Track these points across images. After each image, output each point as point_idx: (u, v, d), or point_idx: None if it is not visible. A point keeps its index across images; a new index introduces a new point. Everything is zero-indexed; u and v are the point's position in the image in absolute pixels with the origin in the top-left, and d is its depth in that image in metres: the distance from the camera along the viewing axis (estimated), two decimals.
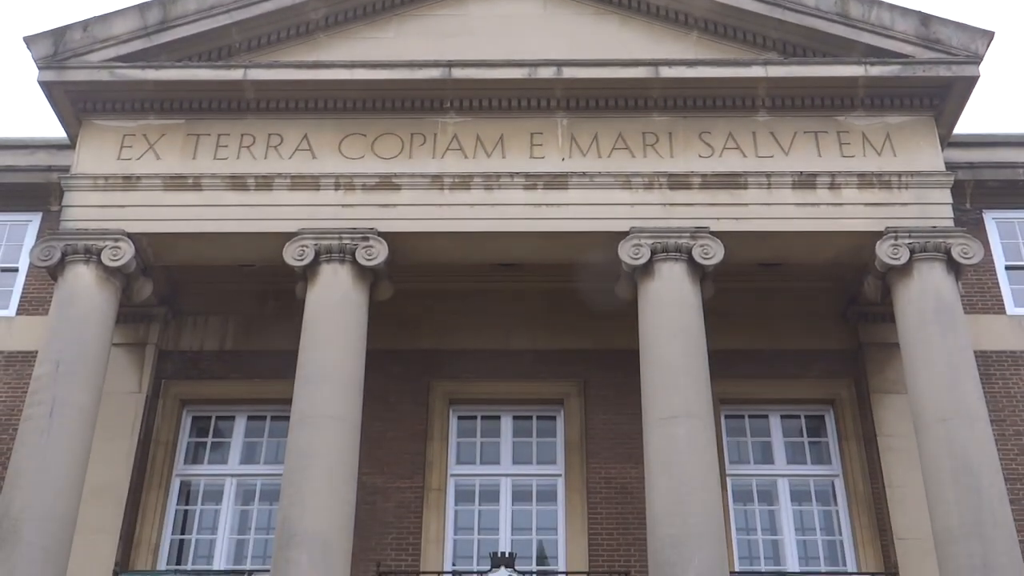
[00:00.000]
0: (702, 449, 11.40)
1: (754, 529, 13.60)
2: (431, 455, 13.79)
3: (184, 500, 13.90)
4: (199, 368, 14.46)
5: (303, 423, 11.69)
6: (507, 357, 14.33)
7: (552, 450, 14.07)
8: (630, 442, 13.58)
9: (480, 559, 13.26)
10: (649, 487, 11.39)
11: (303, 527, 11.09)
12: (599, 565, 13.02)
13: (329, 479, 11.34)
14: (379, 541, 13.23)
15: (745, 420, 14.26)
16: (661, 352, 11.95)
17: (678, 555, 10.78)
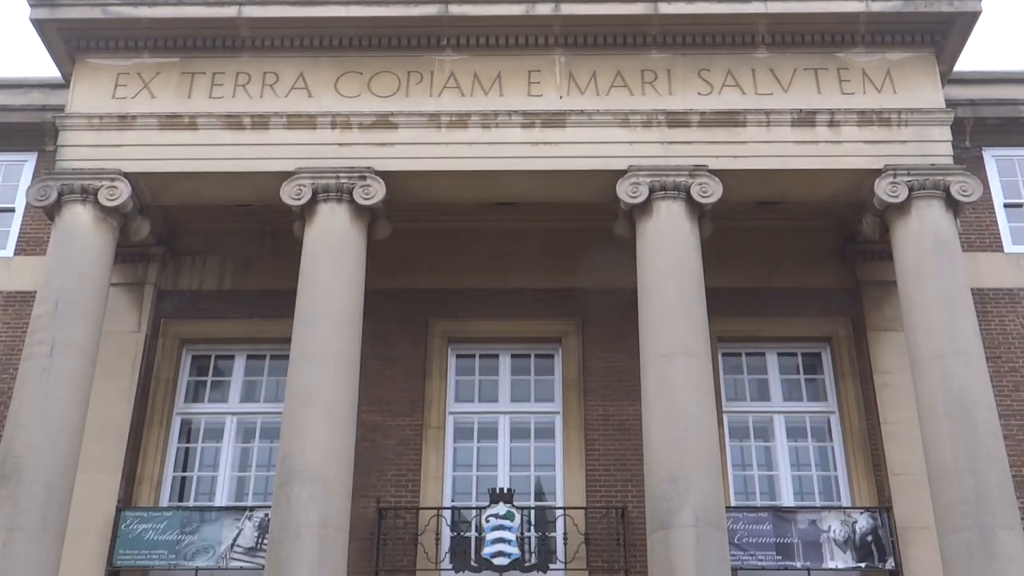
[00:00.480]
0: (699, 386, 11.47)
1: (750, 465, 13.74)
2: (430, 393, 13.89)
3: (185, 438, 14.03)
4: (198, 307, 14.49)
5: (302, 361, 11.75)
6: (505, 296, 14.36)
7: (550, 388, 14.17)
8: (628, 380, 13.68)
9: (479, 495, 13.44)
10: (646, 424, 11.48)
11: (303, 464, 11.19)
12: (596, 501, 13.18)
13: (329, 416, 11.42)
14: (379, 477, 13.37)
15: (742, 358, 14.35)
16: (659, 290, 11.97)
17: (675, 490, 10.90)
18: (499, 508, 12.82)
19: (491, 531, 12.68)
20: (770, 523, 12.87)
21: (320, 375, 11.61)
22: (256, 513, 12.95)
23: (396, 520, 13.07)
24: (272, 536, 10.96)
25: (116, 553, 12.79)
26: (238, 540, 12.83)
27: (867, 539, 12.81)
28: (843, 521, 12.89)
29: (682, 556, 10.51)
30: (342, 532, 11.09)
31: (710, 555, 10.55)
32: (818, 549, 12.76)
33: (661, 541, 10.76)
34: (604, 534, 12.97)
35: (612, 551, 12.88)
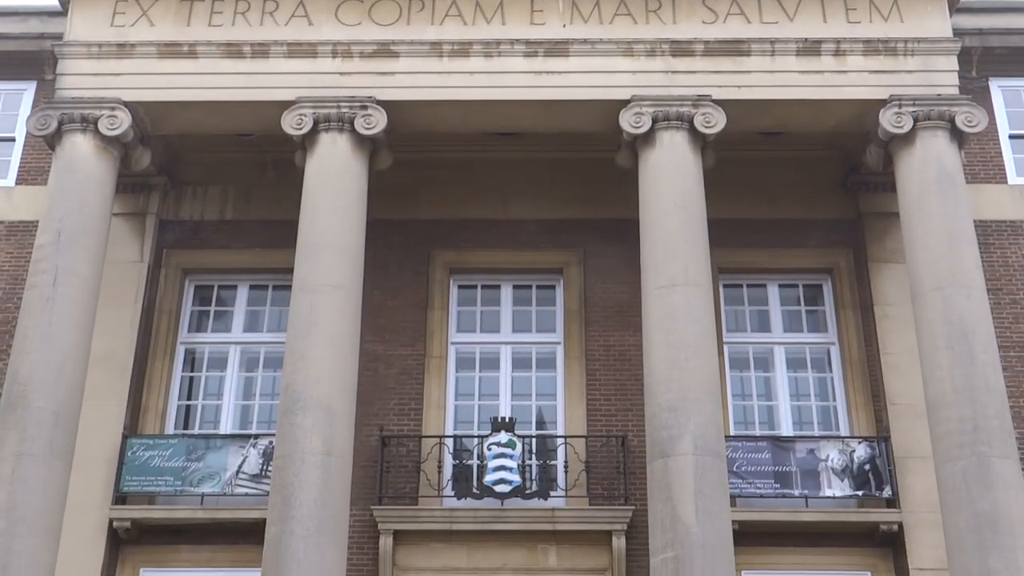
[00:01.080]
0: (700, 317, 11.51)
1: (750, 395, 13.84)
2: (432, 323, 13.96)
3: (189, 367, 14.12)
4: (200, 237, 14.51)
5: (305, 291, 11.78)
6: (507, 227, 14.37)
7: (551, 318, 14.24)
8: (629, 310, 13.75)
9: (481, 424, 13.56)
10: (647, 354, 11.54)
11: (307, 392, 11.28)
12: (597, 429, 13.31)
13: (331, 346, 11.49)
14: (382, 406, 13.50)
15: (743, 289, 14.38)
16: (661, 221, 11.96)
17: (675, 419, 10.99)
18: (501, 436, 12.96)
19: (493, 459, 12.83)
20: (769, 452, 13.00)
21: (322, 305, 11.65)
22: (260, 441, 13.09)
23: (399, 448, 13.21)
24: (276, 463, 11.09)
25: (123, 479, 12.95)
26: (243, 467, 12.98)
27: (864, 468, 12.96)
28: (841, 450, 13.02)
29: (681, 483, 10.64)
30: (346, 459, 11.21)
31: (709, 483, 10.67)
32: (816, 477, 12.91)
33: (661, 469, 10.87)
34: (604, 462, 13.12)
35: (612, 479, 13.03)
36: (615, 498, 12.93)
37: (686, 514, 10.50)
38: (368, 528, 12.85)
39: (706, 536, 10.40)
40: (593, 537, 12.71)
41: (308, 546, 10.53)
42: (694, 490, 10.58)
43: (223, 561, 12.80)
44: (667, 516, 10.59)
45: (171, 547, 12.93)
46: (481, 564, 12.70)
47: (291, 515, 10.69)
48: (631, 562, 12.62)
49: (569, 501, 12.97)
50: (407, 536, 12.75)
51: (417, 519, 12.79)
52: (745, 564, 12.41)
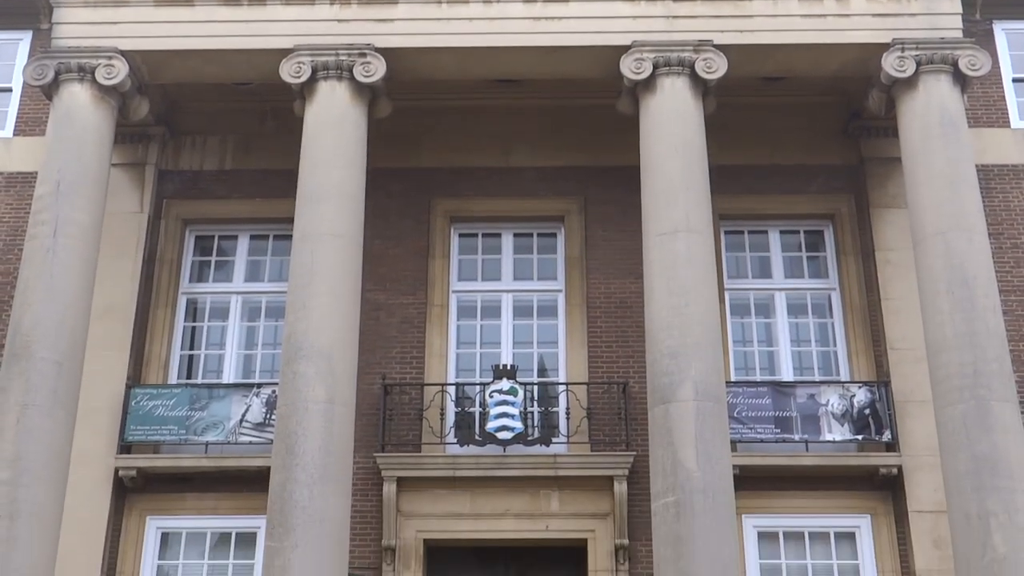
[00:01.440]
0: (701, 263, 11.51)
1: (750, 341, 13.88)
2: (433, 272, 13.96)
3: (191, 317, 14.15)
4: (199, 188, 14.47)
5: (306, 241, 11.77)
6: (508, 175, 14.32)
7: (553, 266, 14.23)
8: (630, 258, 13.74)
9: (483, 372, 13.61)
10: (648, 300, 11.56)
11: (309, 341, 11.32)
12: (598, 376, 13.36)
13: (333, 295, 11.51)
14: (384, 355, 13.55)
15: (744, 235, 14.36)
16: (662, 167, 11.92)
17: (676, 366, 11.03)
18: (503, 384, 13.02)
19: (495, 406, 12.91)
20: (769, 397, 13.07)
21: (324, 254, 11.65)
22: (263, 390, 13.16)
23: (401, 396, 13.28)
24: (280, 412, 11.16)
25: (128, 429, 13.03)
26: (246, 416, 13.07)
27: (864, 412, 13.03)
28: (841, 395, 13.08)
29: (682, 429, 10.70)
30: (348, 407, 11.28)
31: (710, 428, 10.74)
32: (816, 422, 12.98)
33: (662, 415, 10.93)
34: (606, 409, 13.19)
35: (613, 425, 13.11)
36: (616, 444, 13.01)
37: (687, 459, 10.57)
38: (372, 475, 12.95)
39: (707, 480, 10.47)
40: (595, 482, 12.81)
41: (312, 493, 10.63)
42: (695, 435, 10.64)
43: (228, 508, 12.92)
44: (668, 461, 10.67)
45: (177, 495, 13.04)
46: (484, 510, 12.81)
47: (295, 463, 10.77)
48: (632, 507, 12.73)
49: (571, 447, 13.05)
50: (410, 483, 12.85)
51: (420, 466, 12.88)
52: (745, 508, 12.52)
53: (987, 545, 10.30)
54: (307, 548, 10.38)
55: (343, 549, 10.70)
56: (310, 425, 10.94)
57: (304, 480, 10.68)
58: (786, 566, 12.78)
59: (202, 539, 13.00)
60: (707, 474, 10.51)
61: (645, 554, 12.48)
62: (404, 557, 12.70)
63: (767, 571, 12.75)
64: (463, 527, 12.81)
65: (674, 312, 11.24)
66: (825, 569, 12.78)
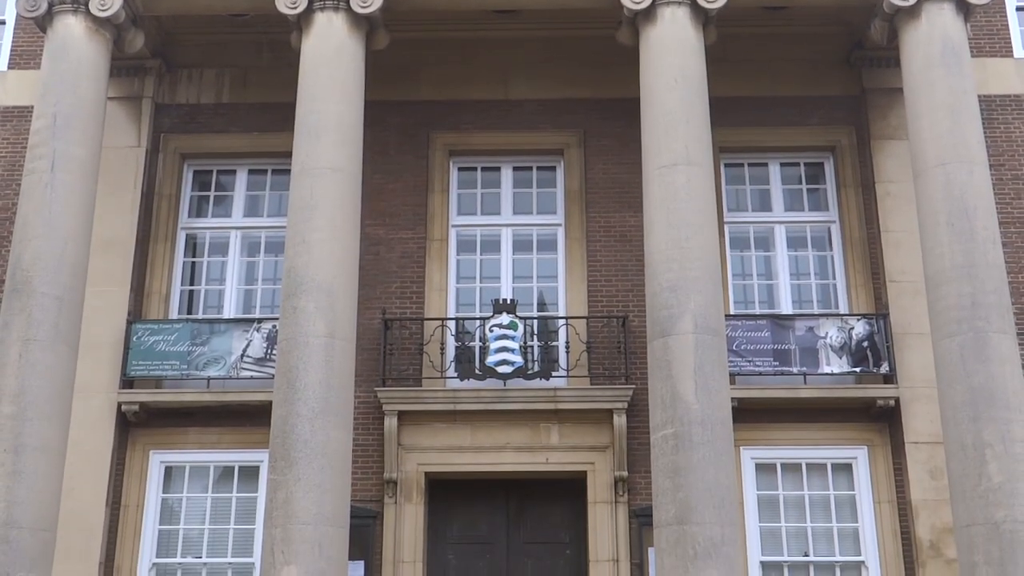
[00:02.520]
0: (701, 196, 11.46)
1: (750, 274, 13.90)
2: (432, 206, 13.95)
3: (191, 252, 14.16)
4: (197, 121, 14.38)
5: (304, 175, 11.72)
6: (507, 108, 14.24)
7: (552, 200, 14.22)
8: (630, 191, 13.74)
9: (483, 306, 13.68)
10: (648, 234, 11.53)
11: (309, 276, 11.31)
12: (598, 310, 13.42)
13: (332, 229, 11.47)
14: (384, 289, 13.58)
15: (744, 168, 14.32)
16: (662, 99, 11.82)
17: (675, 299, 11.05)
18: (502, 318, 13.06)
19: (495, 340, 12.97)
20: (768, 330, 13.12)
21: (323, 189, 11.59)
22: (264, 325, 13.21)
23: (402, 331, 13.34)
24: (281, 347, 11.18)
25: (129, 364, 13.11)
26: (247, 351, 13.13)
27: (863, 345, 13.08)
28: (840, 328, 13.13)
29: (682, 361, 10.74)
30: (349, 342, 11.30)
31: (709, 360, 10.77)
32: (815, 355, 13.04)
33: (661, 348, 10.96)
34: (605, 343, 13.26)
35: (613, 359, 13.19)
36: (616, 378, 13.10)
37: (686, 391, 10.63)
38: (373, 409, 13.05)
39: (705, 412, 10.54)
40: (594, 416, 12.91)
41: (314, 427, 10.70)
42: (694, 368, 10.68)
43: (230, 443, 13.05)
44: (667, 394, 10.73)
45: (179, 429, 13.15)
46: (484, 443, 12.92)
47: (296, 397, 10.83)
48: (632, 439, 12.84)
49: (571, 381, 13.13)
50: (411, 416, 12.95)
51: (421, 400, 12.96)
52: (744, 440, 12.64)
53: (982, 475, 10.39)
54: (309, 481, 10.48)
55: (345, 482, 10.79)
56: (311, 359, 10.97)
57: (306, 414, 10.75)
58: (783, 497, 12.93)
59: (206, 472, 13.13)
60: (706, 406, 10.57)
61: (644, 486, 12.63)
62: (406, 490, 12.84)
63: (764, 502, 12.90)
64: (464, 460, 12.90)
65: (674, 245, 11.22)
66: (822, 500, 12.92)
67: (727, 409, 10.75)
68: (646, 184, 11.69)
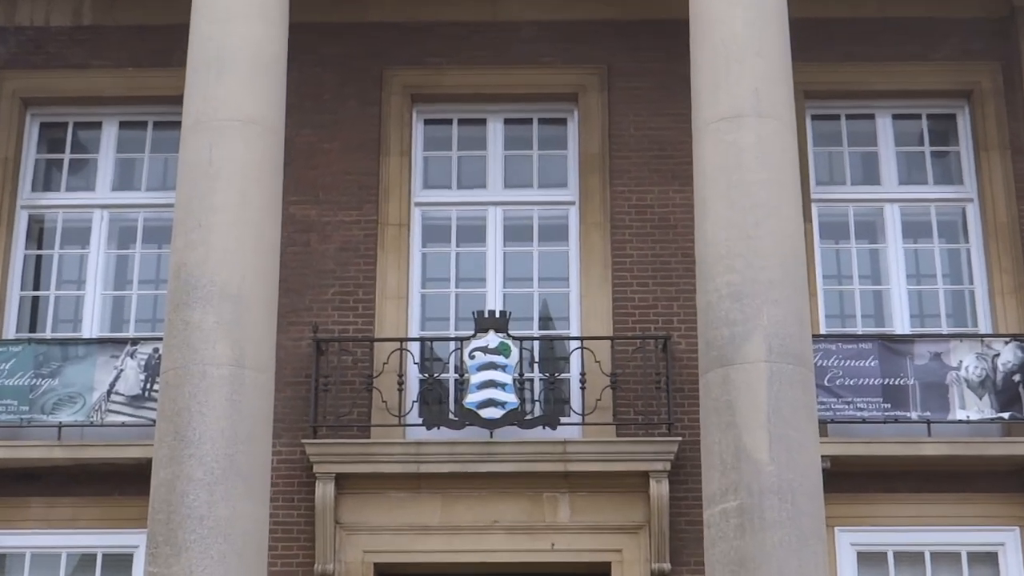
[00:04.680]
0: (778, 163, 11.43)
1: (848, 276, 13.95)
2: (387, 176, 13.98)
3: (35, 242, 14.22)
4: (46, 52, 14.41)
5: (201, 130, 11.65)
6: (496, 33, 14.34)
7: (561, 168, 14.28)
8: (673, 154, 13.79)
9: (460, 321, 13.72)
10: (701, 218, 11.44)
11: (207, 277, 11.21)
12: (628, 327, 13.44)
13: (241, 209, 11.38)
14: (316, 297, 13.62)
15: (841, 122, 14.40)
16: (721, 22, 11.78)
17: (740, 312, 10.95)
18: (488, 339, 13.05)
19: (477, 371, 12.96)
20: (875, 358, 13.11)
21: (227, 149, 11.54)
22: (141, 348, 13.21)
23: (342, 357, 13.34)
24: (166, 379, 11.06)
25: None
26: (117, 385, 13.12)
27: (1014, 379, 13.07)
28: (980, 354, 13.12)
29: (749, 403, 10.61)
30: (265, 373, 11.17)
31: (789, 401, 10.68)
32: (943, 393, 13.05)
33: (719, 383, 10.87)
34: (638, 375, 13.28)
35: (650, 398, 13.19)
36: (654, 426, 13.11)
37: (756, 446, 10.56)
38: (299, 470, 13.08)
39: (783, 477, 10.46)
40: (622, 481, 12.92)
41: (213, 497, 10.62)
42: (767, 412, 10.60)
43: (92, 518, 13.02)
44: (728, 450, 10.65)
45: (17, 500, 13.08)
46: (462, 520, 12.94)
47: (188, 453, 10.74)
48: (676, 516, 12.84)
49: (588, 431, 13.14)
50: (355, 481, 12.94)
51: (369, 457, 12.95)
52: (840, 518, 12.56)
53: None
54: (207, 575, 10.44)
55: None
56: (210, 399, 10.88)
57: (201, 478, 10.66)
58: None
59: (55, 563, 13.05)
60: (784, 468, 10.50)
61: None
62: None
63: None
64: (432, 546, 12.94)
65: (738, 234, 11.17)
66: None
67: (816, 473, 10.68)
68: (697, 145, 11.68)
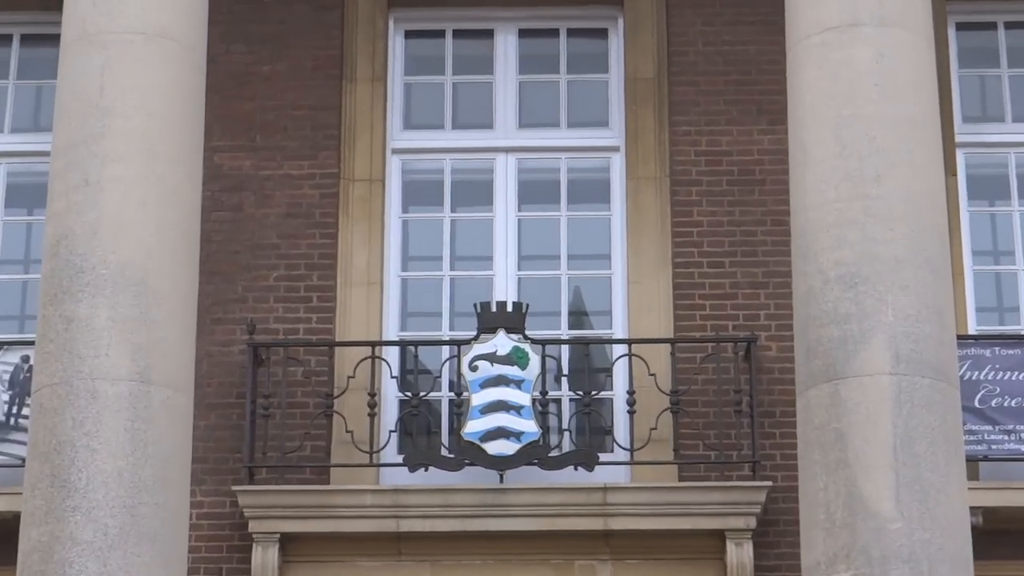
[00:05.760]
0: (908, 91, 11.46)
1: (1008, 253, 14.00)
2: (353, 112, 14.25)
3: None
4: None
5: (88, 47, 11.69)
6: None
7: (600, 99, 14.48)
8: (758, 80, 14.14)
9: (456, 318, 13.94)
10: (799, 169, 11.52)
11: (97, 257, 11.20)
12: (694, 326, 13.66)
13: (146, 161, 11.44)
14: (252, 284, 13.84)
15: (998, 32, 14.56)
16: None
17: (854, 302, 10.93)
18: (497, 343, 13.22)
19: (481, 388, 13.12)
20: None
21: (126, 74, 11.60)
22: (4, 356, 13.32)
23: (289, 368, 13.47)
24: (39, 400, 11.08)
25: None
26: None
27: None
28: None
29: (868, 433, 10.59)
30: (179, 391, 11.24)
31: (925, 429, 10.64)
32: None
33: (825, 405, 10.88)
34: (709, 393, 13.48)
35: (726, 427, 13.38)
36: (732, 466, 13.32)
37: (876, 495, 10.55)
38: (229, 529, 13.31)
39: (917, 539, 10.45)
40: (687, 544, 13.19)
41: (107, 568, 10.64)
42: (893, 446, 10.60)
43: None
44: (838, 500, 10.64)
45: None
46: None
47: (71, 505, 10.74)
48: None
49: (638, 473, 13.32)
50: (309, 545, 13.18)
51: (328, 511, 13.13)
52: None
53: None
54: None
55: None
56: (102, 428, 10.89)
57: (90, 541, 10.66)
58: None
59: None
60: (917, 526, 10.50)
61: None
62: None
63: None
64: None
65: (852, 192, 11.19)
66: None
67: (962, 532, 10.72)
68: (794, 66, 11.78)
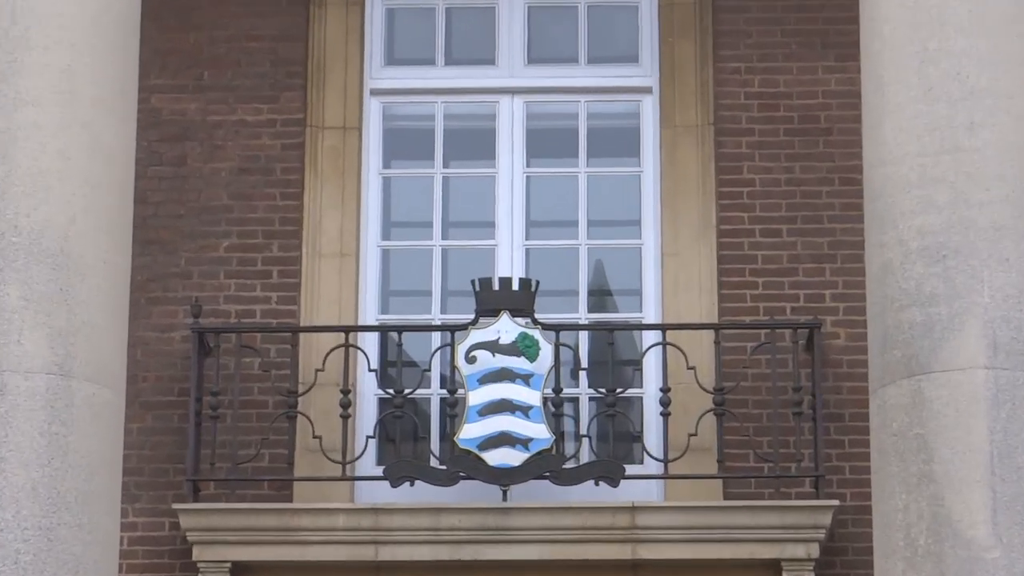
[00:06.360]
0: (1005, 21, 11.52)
1: None
2: (322, 42, 14.48)
3: None
4: None
5: None
6: None
7: (629, 29, 14.81)
8: (822, 2, 14.53)
9: (449, 297, 14.05)
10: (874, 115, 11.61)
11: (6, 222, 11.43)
12: (744, 309, 13.95)
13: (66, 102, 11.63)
14: (199, 255, 14.13)
15: None
16: None
17: (942, 279, 10.98)
18: (500, 328, 13.32)
19: (479, 385, 13.25)
20: None
21: None
22: None
23: (242, 358, 13.65)
24: None
25: None
26: None
27: None
28: None
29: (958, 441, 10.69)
30: (108, 386, 11.42)
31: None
32: None
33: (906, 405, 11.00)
34: (763, 391, 13.62)
35: (784, 432, 13.67)
36: (790, 480, 13.49)
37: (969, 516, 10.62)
38: (169, 555, 13.84)
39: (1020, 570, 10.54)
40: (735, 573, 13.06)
41: None
42: (990, 456, 10.64)
43: None
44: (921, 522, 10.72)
45: None
46: None
47: None
48: None
49: (672, 489, 13.41)
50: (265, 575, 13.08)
51: (291, 534, 13.40)
52: None
53: None
54: None
55: None
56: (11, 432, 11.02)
57: None
58: None
59: None
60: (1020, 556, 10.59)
61: None
62: None
63: None
64: None
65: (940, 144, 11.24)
66: None
67: None
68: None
